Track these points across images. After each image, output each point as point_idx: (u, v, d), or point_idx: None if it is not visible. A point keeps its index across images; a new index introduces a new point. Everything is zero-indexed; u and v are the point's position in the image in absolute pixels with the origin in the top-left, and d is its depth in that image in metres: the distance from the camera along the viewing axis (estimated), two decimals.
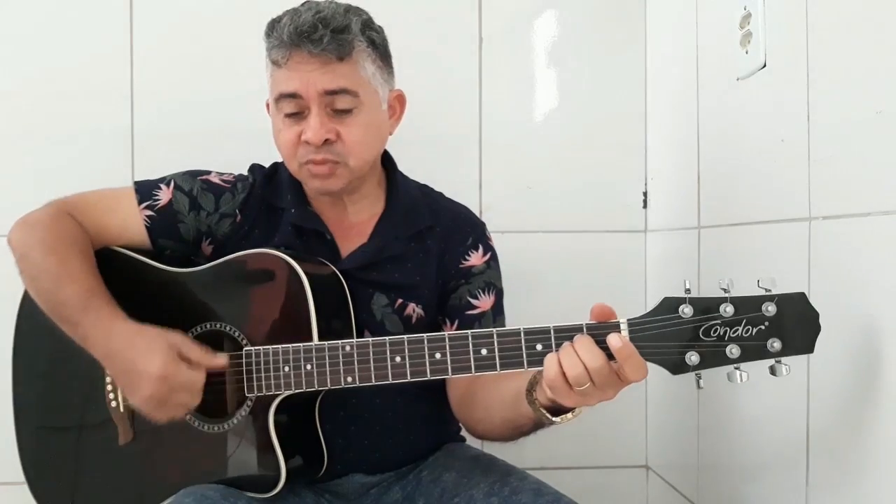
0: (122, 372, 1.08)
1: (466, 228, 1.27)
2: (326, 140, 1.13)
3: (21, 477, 1.24)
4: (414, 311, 1.21)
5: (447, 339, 0.98)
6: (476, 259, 1.25)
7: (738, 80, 1.27)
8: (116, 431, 1.16)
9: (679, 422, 1.56)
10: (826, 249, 1.03)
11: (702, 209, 1.45)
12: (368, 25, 1.16)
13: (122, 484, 1.18)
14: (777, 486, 1.18)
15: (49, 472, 1.23)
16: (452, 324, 1.23)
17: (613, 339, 0.90)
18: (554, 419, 0.98)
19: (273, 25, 1.14)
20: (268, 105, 1.22)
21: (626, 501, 1.75)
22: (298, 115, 1.14)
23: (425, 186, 1.32)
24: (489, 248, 1.27)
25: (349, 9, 1.15)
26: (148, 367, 1.04)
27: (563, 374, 0.90)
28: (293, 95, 1.12)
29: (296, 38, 1.10)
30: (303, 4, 1.15)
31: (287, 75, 1.12)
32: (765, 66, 1.19)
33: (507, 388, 1.05)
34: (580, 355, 0.90)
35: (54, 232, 1.15)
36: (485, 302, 1.23)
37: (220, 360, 1.09)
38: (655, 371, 0.91)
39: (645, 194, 1.73)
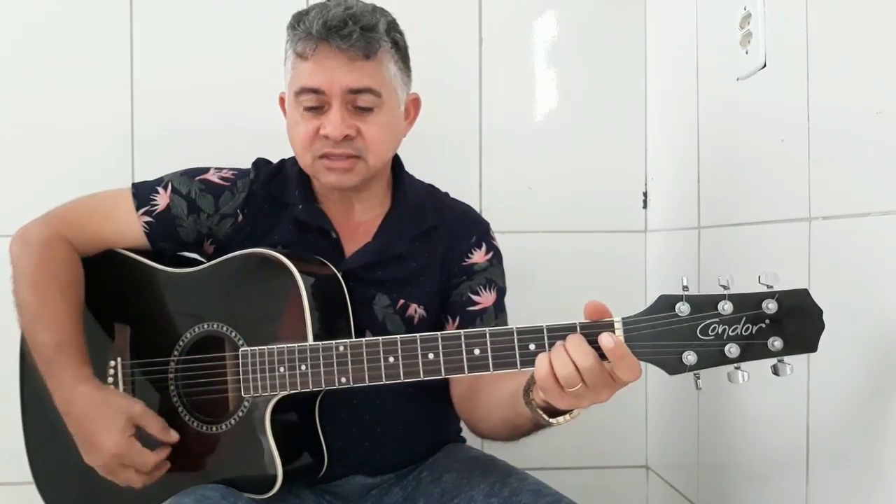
0: (79, 436, 1.11)
1: (471, 227, 1.27)
2: (346, 136, 1.13)
3: (22, 477, 1.24)
4: (416, 311, 1.21)
5: (440, 340, 0.97)
6: (478, 257, 1.25)
7: (738, 80, 1.27)
8: None
9: (679, 422, 1.56)
10: (826, 249, 1.03)
11: (702, 209, 1.45)
12: (394, 27, 1.16)
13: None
14: (777, 486, 1.18)
15: (56, 473, 1.23)
16: (454, 321, 1.23)
17: (605, 339, 0.87)
18: (550, 420, 0.96)
19: (300, 18, 1.13)
20: (281, 98, 1.22)
21: (626, 501, 1.75)
22: (318, 110, 1.14)
23: (431, 186, 1.32)
24: (492, 247, 1.27)
25: (376, 8, 1.16)
26: (102, 442, 1.08)
27: (554, 374, 0.88)
28: (316, 90, 1.12)
29: (324, 31, 1.09)
30: (330, 0, 1.15)
31: (311, 69, 1.12)
32: (765, 66, 1.19)
33: (506, 388, 1.04)
34: (571, 355, 0.87)
35: (42, 262, 1.16)
36: (486, 298, 1.23)
37: (173, 435, 1.12)
38: (655, 371, 0.90)
39: (645, 194, 1.73)
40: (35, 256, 1.17)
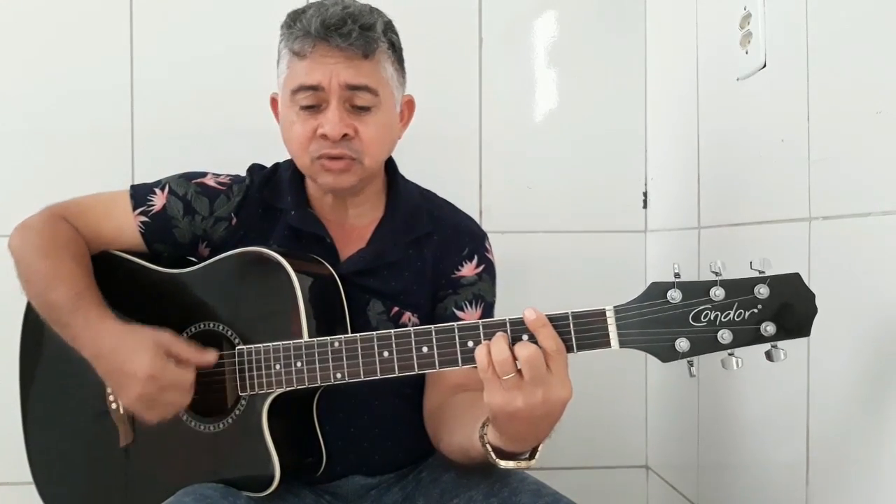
0: (111, 372, 1.08)
1: (465, 238, 1.25)
2: (344, 135, 1.12)
3: (22, 477, 1.24)
4: (409, 319, 1.20)
5: (434, 333, 0.97)
6: (468, 270, 1.23)
7: (738, 80, 1.27)
8: (117, 433, 1.16)
9: (679, 422, 1.56)
10: (826, 249, 1.03)
11: (702, 209, 1.46)
12: (390, 28, 1.16)
13: (123, 484, 1.18)
14: (777, 486, 1.18)
15: (55, 473, 1.23)
16: None
17: (527, 312, 0.89)
18: (498, 461, 0.96)
19: (296, 16, 1.12)
20: (273, 100, 1.21)
21: (626, 501, 1.75)
22: (315, 109, 1.12)
23: (427, 191, 1.30)
24: (485, 261, 1.24)
25: (373, 9, 1.15)
26: (135, 367, 1.04)
27: (492, 362, 0.88)
28: (314, 88, 1.11)
29: (322, 30, 1.08)
30: None
31: (309, 66, 1.11)
32: (765, 66, 1.19)
33: (469, 419, 1.03)
34: (510, 343, 0.89)
35: (48, 235, 1.16)
36: (470, 314, 1.21)
37: (210, 356, 1.08)
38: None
39: (645, 194, 1.73)
40: (40, 232, 1.16)
